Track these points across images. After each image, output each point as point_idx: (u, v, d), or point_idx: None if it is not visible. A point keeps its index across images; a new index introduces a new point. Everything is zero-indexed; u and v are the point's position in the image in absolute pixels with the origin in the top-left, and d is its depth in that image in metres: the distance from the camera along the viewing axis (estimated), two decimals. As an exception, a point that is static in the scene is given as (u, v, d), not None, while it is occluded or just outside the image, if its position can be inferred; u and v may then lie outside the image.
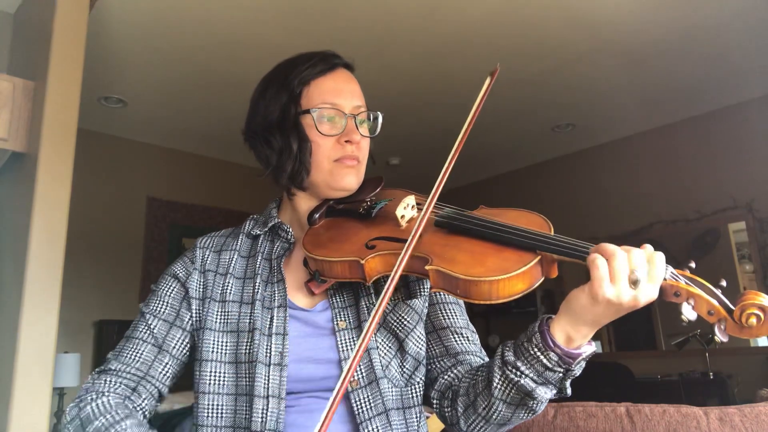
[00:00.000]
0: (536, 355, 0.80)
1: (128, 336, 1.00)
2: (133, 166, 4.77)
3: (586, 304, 0.76)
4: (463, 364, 0.98)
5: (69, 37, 2.33)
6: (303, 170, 1.01)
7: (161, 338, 0.98)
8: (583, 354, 0.80)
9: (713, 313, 0.73)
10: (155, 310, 1.01)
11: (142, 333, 0.99)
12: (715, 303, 0.73)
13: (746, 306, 0.71)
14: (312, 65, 1.02)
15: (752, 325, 0.71)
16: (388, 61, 3.68)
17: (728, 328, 0.73)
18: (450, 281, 0.81)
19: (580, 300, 0.77)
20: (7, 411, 2.00)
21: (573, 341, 0.79)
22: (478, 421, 0.89)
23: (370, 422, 0.90)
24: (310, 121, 1.00)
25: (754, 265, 4.24)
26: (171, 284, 1.03)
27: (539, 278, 0.81)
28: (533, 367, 0.81)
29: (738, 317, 0.72)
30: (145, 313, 1.01)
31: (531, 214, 0.91)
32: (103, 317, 4.34)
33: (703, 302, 0.74)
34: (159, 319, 1.00)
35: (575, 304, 0.78)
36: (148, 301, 1.02)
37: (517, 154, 5.41)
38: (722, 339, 0.73)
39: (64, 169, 2.23)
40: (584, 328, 0.79)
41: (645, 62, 3.78)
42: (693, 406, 1.15)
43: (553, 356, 0.79)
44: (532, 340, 0.81)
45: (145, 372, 0.96)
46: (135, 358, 0.96)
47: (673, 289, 0.75)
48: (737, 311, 0.72)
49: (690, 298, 0.74)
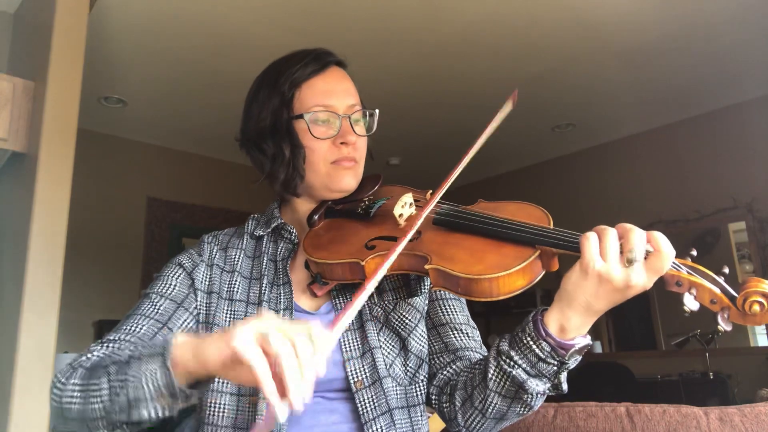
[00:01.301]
0: (528, 345, 0.80)
1: (130, 314, 0.94)
2: (133, 166, 4.77)
3: (577, 280, 0.75)
4: (462, 360, 0.98)
5: (69, 37, 2.33)
6: (297, 176, 1.00)
7: (167, 316, 0.93)
8: (576, 345, 0.79)
9: (716, 301, 0.73)
10: (161, 290, 0.96)
11: (146, 309, 0.93)
12: (718, 291, 0.73)
13: (749, 293, 0.70)
14: (303, 66, 1.01)
15: (756, 313, 0.70)
16: (388, 61, 3.68)
17: (731, 316, 0.72)
18: (450, 280, 0.81)
19: (571, 277, 0.76)
20: (7, 411, 2.00)
21: (566, 331, 0.79)
22: (475, 415, 0.89)
23: (375, 422, 0.90)
24: (304, 126, 0.99)
25: (754, 265, 4.23)
26: (177, 271, 1.00)
27: (540, 273, 0.81)
28: (526, 356, 0.80)
29: (741, 305, 0.71)
30: (150, 293, 0.96)
31: (530, 206, 0.90)
32: (103, 317, 4.34)
33: (706, 291, 0.73)
34: (166, 299, 0.95)
35: (567, 282, 0.77)
36: (152, 285, 0.98)
37: (517, 154, 5.41)
38: (725, 328, 0.72)
39: (64, 169, 2.23)
40: (576, 314, 0.78)
41: (645, 62, 3.78)
42: (693, 406, 1.15)
43: (545, 346, 0.79)
44: (525, 330, 0.81)
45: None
46: (136, 330, 0.90)
47: (675, 278, 0.74)
48: (740, 299, 0.71)
49: (692, 287, 0.73)
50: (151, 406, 0.70)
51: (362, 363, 0.93)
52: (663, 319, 4.61)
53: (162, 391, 0.70)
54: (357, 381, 0.92)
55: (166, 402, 0.71)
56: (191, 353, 0.69)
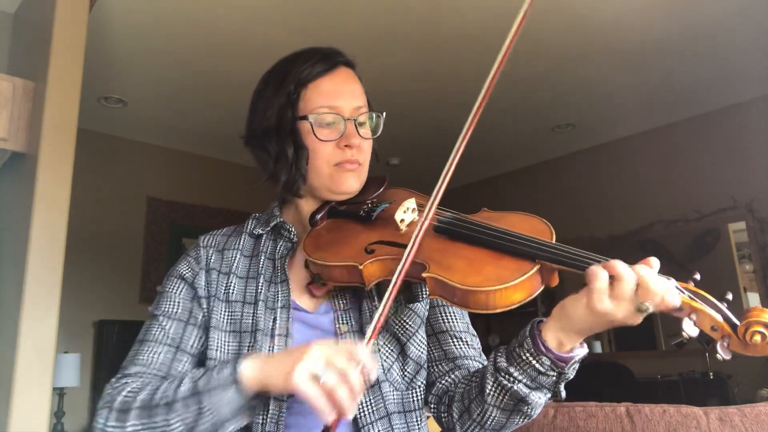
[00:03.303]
0: (528, 361, 0.79)
1: (142, 340, 0.96)
2: (133, 166, 4.77)
3: (582, 315, 0.75)
4: (461, 368, 0.97)
5: (69, 37, 2.33)
6: (299, 178, 0.99)
7: (178, 338, 0.95)
8: (575, 357, 0.79)
9: (717, 329, 0.71)
10: (167, 311, 0.97)
11: (157, 335, 0.95)
12: (719, 319, 0.71)
13: (751, 323, 0.68)
14: (311, 65, 0.99)
15: (756, 343, 0.68)
16: (388, 61, 3.68)
17: (731, 345, 0.70)
18: (447, 289, 0.80)
19: (576, 310, 0.76)
20: (7, 411, 2.00)
21: (565, 345, 0.78)
22: (474, 426, 0.89)
23: (372, 426, 0.90)
24: (308, 127, 0.98)
25: (754, 265, 4.23)
26: (179, 285, 1.00)
27: (538, 288, 0.80)
28: (526, 372, 0.80)
29: (742, 334, 0.69)
30: (157, 315, 0.97)
31: (533, 218, 0.89)
32: (103, 317, 4.34)
33: (707, 318, 0.71)
34: (172, 320, 0.96)
35: (570, 312, 0.77)
36: (158, 304, 0.99)
37: (517, 154, 5.41)
38: (725, 357, 0.70)
39: (64, 169, 2.23)
40: (576, 335, 0.78)
41: (645, 62, 3.78)
42: (693, 406, 1.15)
43: (545, 361, 0.78)
44: (523, 345, 0.80)
45: (165, 372, 0.92)
46: (154, 359, 0.92)
47: None
48: (741, 328, 0.69)
49: (692, 312, 0.72)
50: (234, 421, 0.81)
51: None
52: (663, 319, 4.60)
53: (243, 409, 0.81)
54: None
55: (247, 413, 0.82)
56: (258, 380, 0.79)
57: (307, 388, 0.73)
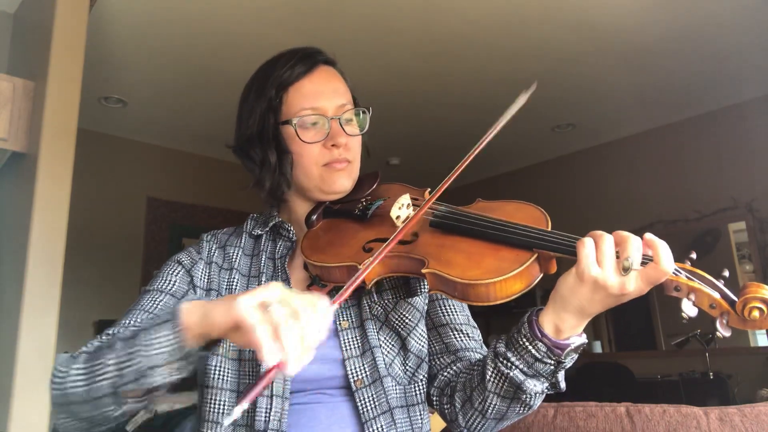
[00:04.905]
0: (525, 346, 0.80)
1: (129, 309, 0.93)
2: (132, 166, 4.77)
3: (573, 285, 0.76)
4: (463, 360, 0.98)
5: (69, 37, 2.33)
6: (283, 183, 0.99)
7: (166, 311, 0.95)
8: (571, 345, 0.79)
9: (715, 306, 0.72)
10: (161, 286, 0.96)
11: (146, 304, 0.93)
12: (717, 296, 0.72)
13: (749, 299, 0.69)
14: (290, 68, 0.99)
15: (755, 319, 0.69)
16: (388, 61, 3.68)
17: (731, 321, 0.71)
18: (447, 284, 0.80)
19: (567, 281, 0.77)
20: (7, 411, 2.00)
21: (561, 332, 0.79)
22: (476, 416, 0.89)
23: (375, 421, 0.90)
24: (291, 132, 0.98)
25: (754, 265, 4.23)
26: (176, 268, 1.00)
27: (537, 276, 0.80)
28: (523, 357, 0.81)
29: (741, 310, 0.70)
30: (150, 290, 0.96)
31: (529, 206, 0.89)
32: (103, 317, 4.33)
33: (705, 296, 0.72)
34: (165, 294, 0.95)
35: (562, 286, 0.77)
36: (152, 281, 0.98)
37: (517, 154, 5.41)
38: (724, 334, 0.71)
39: (64, 169, 2.23)
40: (571, 316, 0.78)
41: (645, 62, 3.78)
42: (693, 406, 1.15)
43: (541, 346, 0.79)
44: (521, 331, 0.81)
45: None
46: (135, 324, 0.89)
47: (674, 283, 0.73)
48: (740, 304, 0.70)
49: (691, 292, 0.72)
50: (163, 371, 0.72)
51: (362, 362, 0.93)
52: (663, 319, 4.61)
53: (174, 355, 0.72)
54: (357, 380, 0.92)
55: (178, 365, 0.73)
56: (198, 318, 0.71)
57: (249, 315, 0.64)
